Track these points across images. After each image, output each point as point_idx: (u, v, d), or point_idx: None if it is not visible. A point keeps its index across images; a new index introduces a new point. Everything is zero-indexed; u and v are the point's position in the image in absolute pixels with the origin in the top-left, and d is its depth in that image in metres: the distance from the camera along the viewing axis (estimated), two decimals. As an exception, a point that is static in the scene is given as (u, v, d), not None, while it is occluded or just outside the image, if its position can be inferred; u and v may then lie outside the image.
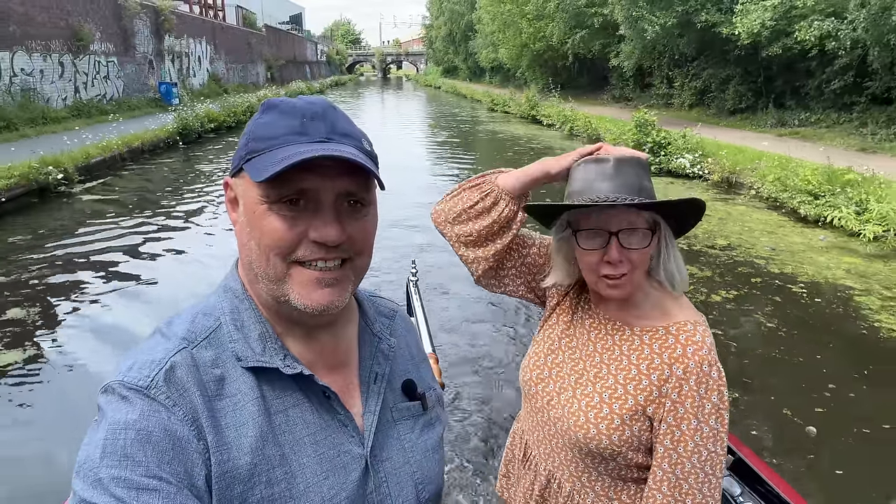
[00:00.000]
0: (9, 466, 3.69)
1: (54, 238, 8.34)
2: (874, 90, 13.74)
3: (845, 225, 8.11)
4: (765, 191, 10.17)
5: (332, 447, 0.83)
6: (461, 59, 63.12)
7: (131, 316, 5.81)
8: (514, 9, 30.62)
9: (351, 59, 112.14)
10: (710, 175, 12.10)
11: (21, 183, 10.17)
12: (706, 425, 1.16)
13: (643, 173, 1.24)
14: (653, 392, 1.21)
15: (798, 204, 9.13)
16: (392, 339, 0.97)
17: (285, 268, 0.78)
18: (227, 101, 24.68)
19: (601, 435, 1.24)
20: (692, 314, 1.28)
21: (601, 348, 1.32)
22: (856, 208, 8.14)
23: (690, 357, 1.19)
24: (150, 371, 0.74)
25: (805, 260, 7.34)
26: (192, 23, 31.81)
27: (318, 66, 76.33)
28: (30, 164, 10.66)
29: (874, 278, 6.70)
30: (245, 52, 41.35)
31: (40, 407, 4.37)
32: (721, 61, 18.71)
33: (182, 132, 17.88)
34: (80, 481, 0.68)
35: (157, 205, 10.60)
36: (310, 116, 0.79)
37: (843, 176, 8.94)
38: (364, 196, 0.81)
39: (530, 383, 1.41)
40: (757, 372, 4.78)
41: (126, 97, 23.12)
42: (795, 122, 15.94)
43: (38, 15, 17.95)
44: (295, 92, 38.55)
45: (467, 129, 24.84)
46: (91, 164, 12.81)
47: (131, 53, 24.07)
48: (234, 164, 0.83)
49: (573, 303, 1.43)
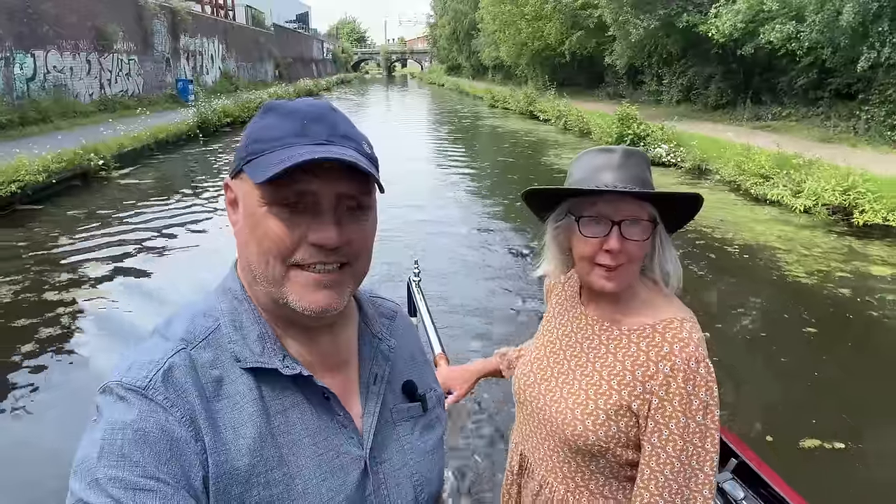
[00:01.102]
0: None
1: (97, 218, 9.70)
2: (836, 86, 15.01)
3: (782, 200, 9.43)
4: (725, 175, 11.48)
5: (331, 448, 0.83)
6: (464, 57, 64.26)
7: (171, 287, 6.62)
8: (514, 9, 31.91)
9: (356, 57, 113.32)
10: (682, 163, 13.41)
11: (68, 168, 11.54)
12: (693, 422, 1.15)
13: (646, 167, 1.26)
14: (637, 388, 1.21)
15: (750, 185, 10.45)
16: (392, 339, 0.97)
17: (284, 270, 0.79)
18: (240, 97, 26.10)
19: (588, 431, 1.23)
20: (680, 311, 1.27)
21: (587, 347, 1.32)
22: (793, 187, 9.44)
23: (678, 354, 1.18)
24: (148, 371, 0.74)
25: (745, 228, 8.66)
26: (206, 22, 33.20)
27: (325, 65, 77.65)
28: (74, 152, 12.03)
29: (798, 241, 8.02)
30: (254, 51, 42.71)
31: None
32: (704, 60, 19.97)
33: (201, 126, 19.26)
34: (78, 481, 0.68)
35: (185, 189, 11.94)
36: (310, 118, 0.79)
37: (790, 161, 10.24)
38: (364, 199, 0.81)
39: (520, 392, 1.42)
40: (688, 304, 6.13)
41: (146, 93, 24.52)
42: (769, 116, 17.23)
43: (68, 16, 19.35)
44: (303, 89, 39.96)
45: (468, 125, 26.24)
46: (124, 152, 14.18)
47: (150, 52, 25.49)
48: (233, 166, 0.83)
49: (561, 307, 1.44)
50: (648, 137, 14.40)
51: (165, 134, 16.91)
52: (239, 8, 44.23)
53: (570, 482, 1.31)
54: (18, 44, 16.92)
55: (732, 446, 2.01)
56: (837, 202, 8.78)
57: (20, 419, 4.19)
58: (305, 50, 65.30)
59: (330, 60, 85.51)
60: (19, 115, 15.75)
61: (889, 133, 12.86)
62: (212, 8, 38.13)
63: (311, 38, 72.62)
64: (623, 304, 1.29)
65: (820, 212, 8.91)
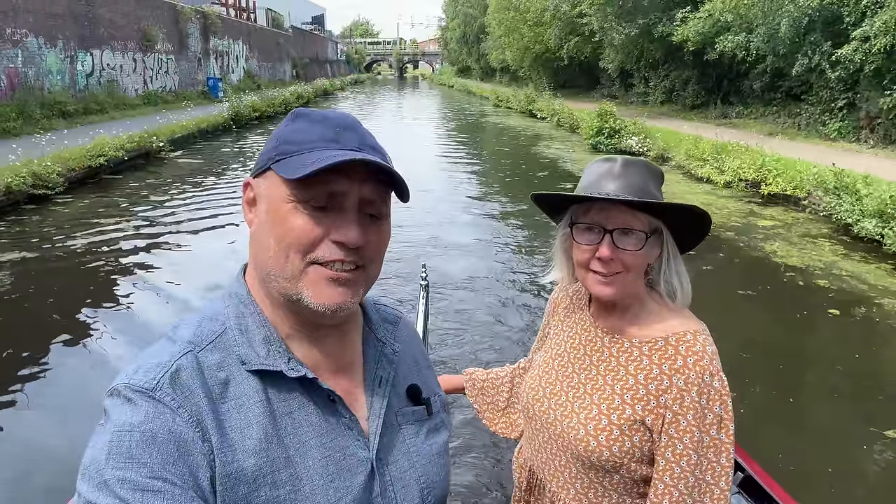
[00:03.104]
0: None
1: (163, 188, 12.23)
2: (786, 89, 17.35)
3: (711, 177, 11.81)
4: (678, 161, 13.84)
5: (337, 450, 0.84)
6: (474, 59, 66.65)
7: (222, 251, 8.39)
8: (517, 16, 34.39)
9: (369, 58, 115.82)
10: (649, 152, 15.76)
11: (137, 147, 14.07)
12: (708, 436, 1.13)
13: (650, 179, 1.24)
14: (650, 402, 1.19)
15: (693, 168, 12.81)
16: (396, 344, 0.99)
17: (303, 266, 0.81)
18: (265, 94, 28.70)
19: (601, 447, 1.21)
20: (693, 324, 1.24)
21: (597, 360, 1.30)
22: (720, 167, 11.81)
23: (691, 368, 1.16)
24: (155, 373, 0.76)
25: (679, 199, 10.99)
26: (231, 25, 35.87)
27: (338, 65, 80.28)
28: (140, 135, 14.57)
29: (714, 206, 10.37)
30: (274, 52, 45.34)
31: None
32: (682, 65, 22.33)
33: (234, 118, 21.83)
34: (86, 483, 0.70)
35: (227, 168, 14.48)
36: (342, 127, 0.84)
37: (726, 147, 12.59)
38: (382, 208, 0.85)
39: (529, 406, 1.40)
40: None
41: (181, 89, 27.19)
42: (734, 114, 19.59)
43: (119, 20, 22.02)
44: (320, 88, 42.56)
45: (474, 122, 28.76)
46: (175, 138, 16.72)
47: (185, 52, 28.16)
48: (259, 165, 0.86)
49: (569, 320, 1.42)
50: (622, 131, 16.75)
51: (206, 124, 19.50)
52: (260, 10, 46.85)
53: (584, 498, 1.28)
54: (80, 44, 19.57)
55: (739, 459, 1.94)
56: (751, 178, 11.14)
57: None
58: (321, 51, 67.92)
59: (343, 61, 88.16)
60: (83, 106, 18.39)
61: (821, 128, 15.19)
62: (236, 11, 40.75)
63: (326, 40, 75.28)
64: (633, 315, 1.28)
65: (738, 185, 11.28)
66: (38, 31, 17.29)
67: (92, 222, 8.93)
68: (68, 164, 11.14)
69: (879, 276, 7.09)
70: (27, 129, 14.61)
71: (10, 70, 16.04)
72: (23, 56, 16.59)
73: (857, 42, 13.02)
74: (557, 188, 12.10)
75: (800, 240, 8.56)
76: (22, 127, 14.72)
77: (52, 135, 13.63)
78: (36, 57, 17.20)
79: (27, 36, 16.79)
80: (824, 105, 15.28)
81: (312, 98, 36.92)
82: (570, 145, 18.71)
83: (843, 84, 14.39)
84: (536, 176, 14.11)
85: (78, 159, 11.57)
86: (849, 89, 14.46)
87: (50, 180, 10.18)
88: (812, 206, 9.66)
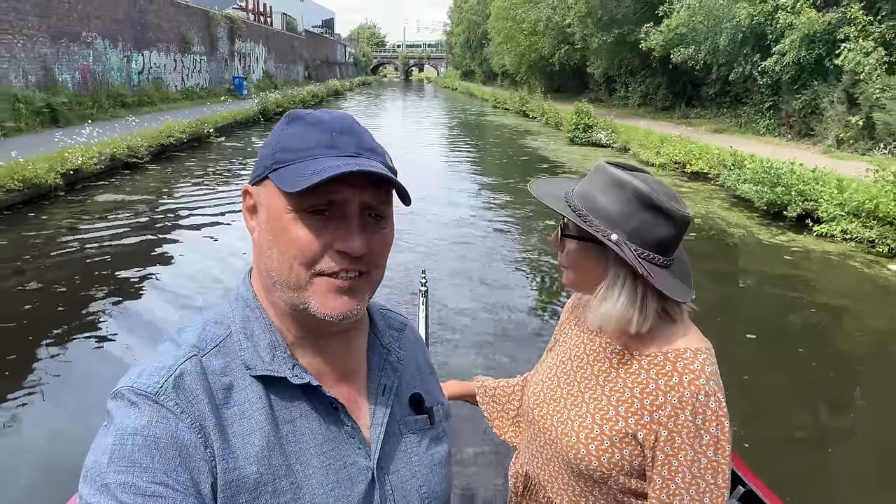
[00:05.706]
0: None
1: (214, 162, 15.45)
2: (733, 94, 20.55)
3: (650, 160, 15.00)
4: (634, 151, 17.04)
5: (338, 458, 0.84)
6: (477, 63, 69.63)
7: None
8: (514, 25, 37.64)
9: (375, 61, 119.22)
10: (614, 144, 18.94)
11: (192, 132, 17.28)
12: (704, 456, 1.12)
13: (611, 191, 1.18)
14: (644, 416, 1.17)
15: (641, 154, 16.01)
16: (401, 351, 0.98)
17: (308, 277, 0.80)
18: (285, 92, 32.03)
19: (590, 456, 1.21)
20: (695, 342, 1.21)
21: (598, 370, 1.30)
22: (657, 151, 15.01)
23: (686, 386, 1.14)
24: (159, 377, 0.75)
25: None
26: (253, 29, 39.14)
27: (347, 67, 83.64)
28: (195, 123, 17.78)
29: (647, 180, 13.51)
30: (289, 54, 48.61)
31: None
32: (655, 72, 25.53)
33: (262, 112, 25.11)
34: (87, 486, 0.69)
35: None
36: (338, 131, 0.81)
37: (668, 139, 15.76)
38: (384, 210, 0.84)
39: (528, 410, 1.42)
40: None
41: (211, 87, 30.48)
42: (693, 115, 22.80)
43: (164, 24, 25.34)
44: (332, 88, 45.86)
45: (473, 120, 32.09)
46: (218, 126, 19.94)
47: (215, 54, 31.46)
48: (256, 173, 0.84)
49: (578, 328, 1.42)
50: (594, 126, 19.95)
51: (241, 116, 22.80)
52: (276, 15, 50.08)
53: None
54: (135, 45, 22.87)
55: (739, 473, 1.88)
56: (681, 160, 14.32)
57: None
58: (330, 53, 71.22)
59: (351, 63, 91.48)
60: (137, 98, 21.66)
61: (754, 125, 18.39)
62: (254, 16, 43.94)
63: (336, 43, 78.60)
64: (635, 331, 1.24)
65: (670, 166, 14.48)
66: (105, 34, 20.56)
67: (174, 184, 12.24)
68: (150, 142, 14.38)
69: (740, 219, 10.29)
70: (100, 116, 17.86)
71: (84, 67, 19.29)
72: (93, 56, 19.86)
73: (777, 55, 16.20)
74: (536, 169, 15.30)
75: (702, 200, 11.73)
76: (96, 114, 17.96)
77: (119, 122, 16.90)
78: (102, 56, 20.45)
79: (96, 39, 20.06)
80: (757, 107, 18.46)
81: (325, 97, 40.24)
82: (553, 139, 21.88)
83: (769, 89, 17.60)
84: (520, 160, 17.32)
85: (155, 138, 14.80)
86: (773, 94, 17.67)
87: (139, 153, 13.42)
88: (716, 180, 12.85)
